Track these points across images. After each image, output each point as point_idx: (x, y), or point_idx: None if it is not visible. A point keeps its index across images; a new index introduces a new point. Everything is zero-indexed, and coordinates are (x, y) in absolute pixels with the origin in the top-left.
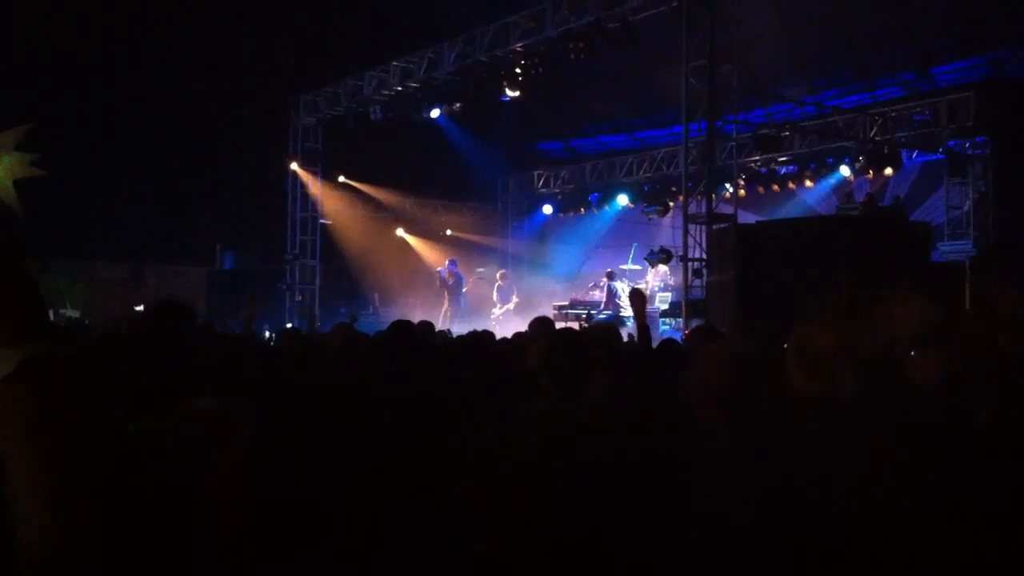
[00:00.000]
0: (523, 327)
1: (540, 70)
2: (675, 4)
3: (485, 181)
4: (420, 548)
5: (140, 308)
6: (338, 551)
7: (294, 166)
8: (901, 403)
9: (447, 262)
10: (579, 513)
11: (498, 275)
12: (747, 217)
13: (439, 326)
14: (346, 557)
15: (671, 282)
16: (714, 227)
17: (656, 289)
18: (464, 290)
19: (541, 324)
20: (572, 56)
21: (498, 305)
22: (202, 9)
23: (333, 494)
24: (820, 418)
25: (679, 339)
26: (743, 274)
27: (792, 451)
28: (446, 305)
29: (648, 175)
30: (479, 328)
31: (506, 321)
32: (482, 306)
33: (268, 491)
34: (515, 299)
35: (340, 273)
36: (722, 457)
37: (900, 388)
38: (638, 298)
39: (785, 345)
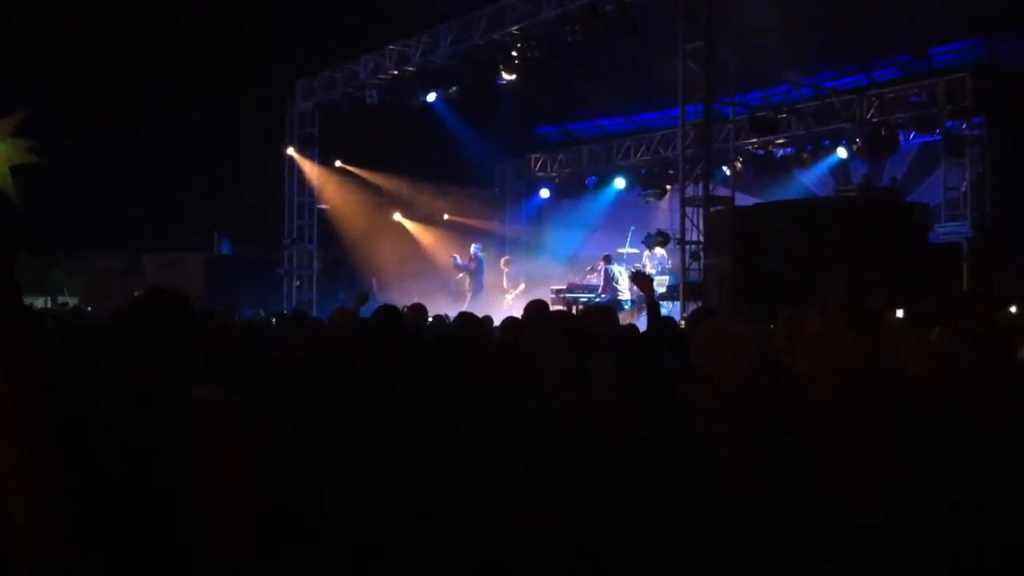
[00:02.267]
0: None
1: (537, 53)
2: None
3: (482, 165)
4: (420, 548)
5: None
6: (338, 551)
7: (291, 151)
8: (900, 393)
9: (472, 247)
10: (579, 513)
11: (502, 261)
12: (744, 200)
13: (464, 308)
14: (346, 557)
15: (668, 265)
16: (711, 209)
17: (654, 273)
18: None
19: (536, 309)
20: (569, 39)
21: (510, 291)
22: None
23: (333, 493)
24: (821, 410)
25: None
26: (740, 256)
27: (792, 449)
28: (469, 289)
29: (645, 158)
30: (492, 315)
31: (516, 305)
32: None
33: (268, 490)
34: (522, 284)
35: (338, 258)
36: (722, 455)
37: (900, 378)
38: (644, 279)
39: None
